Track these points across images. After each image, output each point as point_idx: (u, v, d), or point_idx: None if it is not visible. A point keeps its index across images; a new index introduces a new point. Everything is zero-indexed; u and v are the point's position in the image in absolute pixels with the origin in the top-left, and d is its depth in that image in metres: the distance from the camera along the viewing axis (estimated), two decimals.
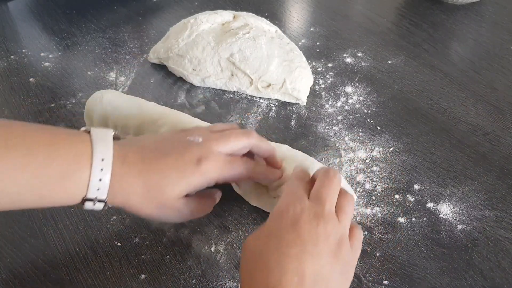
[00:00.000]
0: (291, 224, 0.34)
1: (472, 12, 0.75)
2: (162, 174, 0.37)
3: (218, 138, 0.40)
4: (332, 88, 0.61)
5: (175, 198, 0.38)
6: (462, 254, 0.43)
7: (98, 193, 0.35)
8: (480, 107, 0.58)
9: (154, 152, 0.38)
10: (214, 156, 0.39)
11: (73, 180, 0.35)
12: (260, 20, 0.63)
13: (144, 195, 0.37)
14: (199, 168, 0.38)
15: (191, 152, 0.38)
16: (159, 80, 0.63)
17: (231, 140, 0.41)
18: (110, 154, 0.36)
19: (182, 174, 0.38)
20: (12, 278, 0.41)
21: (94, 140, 0.36)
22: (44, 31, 0.72)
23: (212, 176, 0.39)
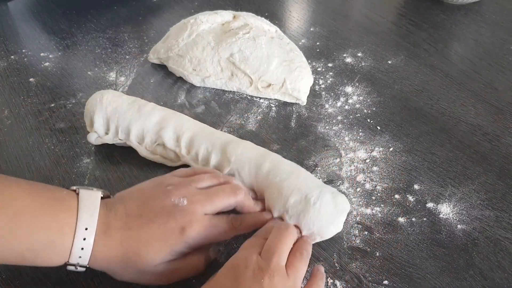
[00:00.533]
0: (234, 278, 0.34)
1: (472, 12, 0.75)
2: (144, 242, 0.37)
3: (203, 200, 0.40)
4: (332, 88, 0.61)
5: (155, 264, 0.38)
6: (462, 254, 0.43)
7: (80, 260, 0.36)
8: (480, 107, 0.58)
9: (137, 220, 0.38)
10: (198, 221, 0.39)
11: (56, 248, 0.36)
12: (260, 20, 0.63)
13: (124, 262, 0.37)
14: (183, 236, 0.38)
15: (175, 220, 0.38)
16: (159, 80, 0.63)
17: (218, 201, 0.41)
18: (95, 223, 0.36)
19: (165, 243, 0.37)
20: (12, 278, 0.41)
21: (80, 207, 0.37)
22: (44, 31, 0.72)
23: (196, 242, 0.39)
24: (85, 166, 0.51)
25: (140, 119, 0.49)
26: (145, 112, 0.50)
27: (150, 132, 0.49)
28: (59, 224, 0.36)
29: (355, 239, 0.44)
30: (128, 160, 0.51)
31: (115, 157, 0.52)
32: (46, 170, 0.51)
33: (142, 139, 0.50)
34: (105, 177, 0.50)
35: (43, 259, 0.36)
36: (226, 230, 0.40)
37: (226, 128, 0.56)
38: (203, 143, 0.47)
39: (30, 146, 0.54)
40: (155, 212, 0.38)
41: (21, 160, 0.52)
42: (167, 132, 0.48)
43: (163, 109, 0.51)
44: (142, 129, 0.49)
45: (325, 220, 0.42)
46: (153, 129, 0.49)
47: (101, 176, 0.50)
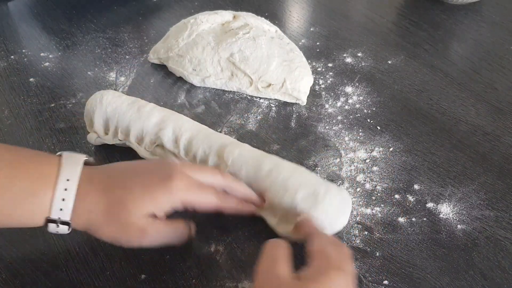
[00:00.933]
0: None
1: (472, 12, 0.75)
2: (127, 189, 0.36)
3: (192, 165, 0.40)
4: (332, 88, 0.61)
5: (137, 214, 0.36)
6: (462, 254, 0.43)
7: (61, 214, 0.35)
8: (480, 107, 0.58)
9: (121, 172, 0.38)
10: (185, 177, 0.38)
11: (36, 198, 0.35)
12: (260, 20, 0.63)
13: (106, 212, 0.36)
14: (166, 185, 0.37)
15: (160, 170, 0.38)
16: (159, 80, 0.63)
17: (206, 172, 0.41)
18: (77, 175, 0.36)
19: (148, 189, 0.36)
20: (12, 278, 0.41)
21: (63, 162, 0.36)
22: (44, 31, 0.72)
23: (179, 195, 0.37)
24: None
25: (139, 120, 0.49)
26: (144, 112, 0.50)
27: (150, 133, 0.49)
28: (39, 175, 0.35)
29: (355, 239, 0.44)
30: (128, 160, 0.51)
31: (115, 158, 0.52)
32: None
33: (142, 139, 0.50)
34: None
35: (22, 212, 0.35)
36: (212, 197, 0.40)
37: (226, 128, 0.56)
38: (201, 145, 0.47)
39: (30, 146, 0.53)
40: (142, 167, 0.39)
41: None
42: (166, 133, 0.48)
43: (162, 109, 0.51)
44: (142, 129, 0.49)
45: (336, 211, 0.42)
46: (153, 130, 0.49)
47: None
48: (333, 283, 0.31)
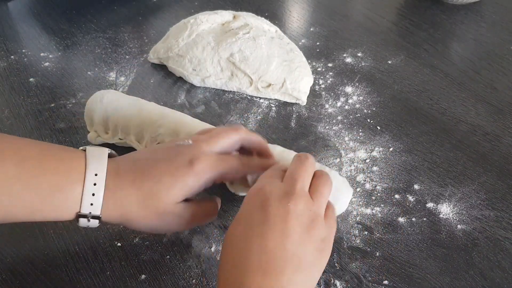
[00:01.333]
0: (260, 204, 0.34)
1: (472, 12, 0.75)
2: (155, 179, 0.37)
3: (207, 139, 0.40)
4: (332, 88, 0.61)
5: (172, 202, 0.37)
6: (462, 254, 0.43)
7: (92, 208, 0.35)
8: (480, 107, 0.58)
9: (145, 161, 0.38)
10: (206, 155, 0.38)
11: (65, 193, 0.34)
12: (260, 20, 0.63)
13: (140, 204, 0.36)
14: (192, 169, 0.37)
15: (182, 155, 0.38)
16: (159, 80, 0.63)
17: (221, 138, 0.41)
18: (104, 169, 0.36)
19: (175, 177, 0.37)
20: (12, 278, 0.41)
21: (88, 156, 0.36)
22: (44, 31, 0.72)
23: (207, 175, 0.38)
24: None
25: (139, 119, 0.49)
26: (145, 111, 0.50)
27: (150, 132, 0.49)
28: (67, 169, 0.35)
29: (355, 239, 0.44)
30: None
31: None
32: None
33: (142, 138, 0.50)
34: None
35: (52, 207, 0.35)
36: (235, 165, 0.40)
37: None
38: None
39: None
40: (161, 153, 0.39)
41: None
42: (166, 131, 0.48)
43: (163, 108, 0.51)
44: (142, 128, 0.49)
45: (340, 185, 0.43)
46: (152, 128, 0.49)
47: None
48: None
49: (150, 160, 0.38)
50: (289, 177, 0.37)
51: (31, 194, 0.34)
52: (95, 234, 0.45)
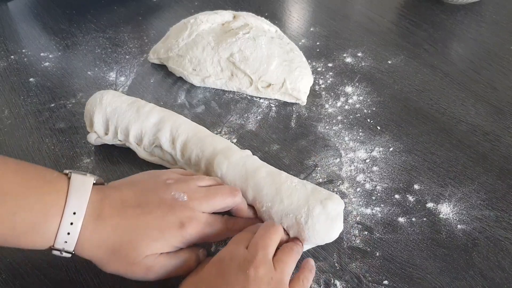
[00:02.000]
0: (221, 271, 0.34)
1: (472, 12, 0.75)
2: (140, 232, 0.36)
3: (202, 198, 0.39)
4: (332, 88, 0.61)
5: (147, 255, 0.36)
6: (462, 254, 0.43)
7: (66, 245, 0.35)
8: (480, 107, 0.58)
9: (134, 210, 0.37)
10: (197, 219, 0.38)
11: (40, 231, 0.34)
12: (260, 20, 0.63)
13: (114, 251, 0.36)
14: (182, 232, 0.37)
15: (175, 214, 0.37)
16: (159, 80, 0.63)
17: (217, 200, 0.40)
18: (84, 208, 0.35)
19: (162, 235, 0.37)
20: (12, 278, 0.41)
21: (70, 190, 0.35)
22: (44, 31, 0.72)
23: (192, 239, 0.38)
24: (85, 166, 0.51)
25: (138, 120, 0.49)
26: (144, 113, 0.49)
27: (148, 134, 0.49)
28: (45, 207, 0.34)
29: (355, 239, 0.44)
30: (128, 161, 0.51)
31: (115, 157, 0.52)
32: None
33: (141, 140, 0.50)
34: (105, 177, 0.50)
35: (26, 241, 0.35)
36: (221, 230, 0.40)
37: (226, 128, 0.56)
38: (194, 149, 0.47)
39: (30, 146, 0.54)
40: (154, 204, 0.38)
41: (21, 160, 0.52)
42: (164, 134, 0.48)
43: (162, 110, 0.51)
44: (141, 130, 0.49)
45: (323, 231, 0.41)
46: (151, 131, 0.49)
47: (101, 176, 0.50)
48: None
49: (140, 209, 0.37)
50: (253, 245, 0.36)
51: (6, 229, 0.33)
52: None
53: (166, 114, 0.50)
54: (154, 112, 0.50)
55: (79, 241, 0.35)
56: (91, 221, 0.35)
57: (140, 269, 0.37)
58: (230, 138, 0.54)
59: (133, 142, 0.50)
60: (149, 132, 0.49)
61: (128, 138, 0.50)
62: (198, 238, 0.39)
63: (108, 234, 0.36)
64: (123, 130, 0.50)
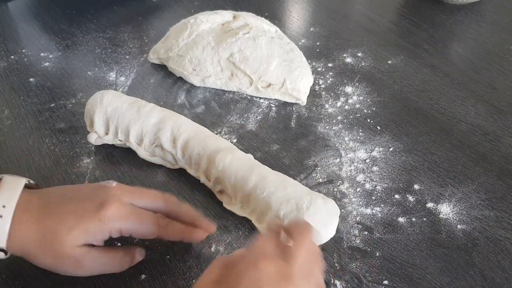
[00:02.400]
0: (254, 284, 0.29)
1: (472, 12, 0.75)
2: (59, 218, 0.35)
3: (133, 191, 0.38)
4: (332, 88, 0.61)
5: (72, 246, 0.35)
6: (462, 254, 0.43)
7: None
8: (480, 107, 0.58)
9: (57, 198, 0.37)
10: (120, 203, 0.36)
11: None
12: (260, 20, 0.63)
13: (39, 242, 0.35)
14: (99, 213, 0.35)
15: (95, 197, 0.36)
16: (159, 80, 0.63)
17: (146, 196, 0.39)
18: (14, 202, 0.35)
19: (80, 219, 0.35)
20: (12, 278, 0.41)
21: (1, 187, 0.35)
22: (44, 31, 0.72)
23: (113, 224, 0.36)
24: (85, 166, 0.51)
25: (139, 120, 0.49)
26: (144, 113, 0.50)
27: (149, 133, 0.49)
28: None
29: (355, 239, 0.44)
30: (128, 161, 0.51)
31: (115, 157, 0.52)
32: (46, 170, 0.51)
33: (141, 140, 0.50)
34: (105, 177, 0.50)
35: None
36: (150, 225, 0.38)
37: (226, 128, 0.56)
38: (196, 147, 0.47)
39: (30, 146, 0.54)
40: (79, 191, 0.37)
41: (21, 160, 0.52)
42: (165, 134, 0.48)
43: (162, 110, 0.51)
44: (141, 130, 0.49)
45: (321, 224, 0.41)
46: (152, 130, 0.49)
47: (101, 176, 0.50)
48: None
49: (64, 198, 0.37)
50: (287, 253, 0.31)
51: None
52: None
53: (167, 114, 0.50)
54: (154, 112, 0.50)
55: (10, 236, 0.35)
56: (18, 215, 0.35)
57: (70, 262, 0.36)
58: (230, 138, 0.54)
59: (133, 142, 0.50)
60: (149, 132, 0.49)
61: (129, 138, 0.50)
62: (119, 224, 0.36)
63: (31, 226, 0.35)
64: (124, 130, 0.50)
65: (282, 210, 0.42)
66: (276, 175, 0.45)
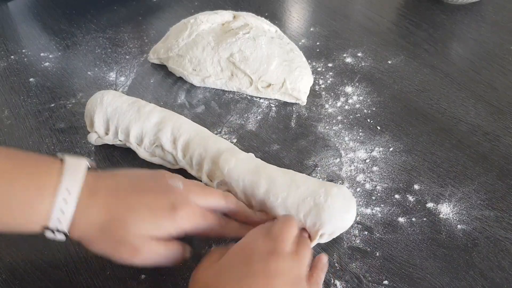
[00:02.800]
0: (244, 259, 0.34)
1: (472, 12, 0.75)
2: (132, 209, 0.36)
3: (198, 191, 0.40)
4: (332, 88, 0.61)
5: (136, 235, 0.36)
6: (462, 254, 0.43)
7: (59, 224, 0.35)
8: (480, 107, 0.58)
9: (126, 186, 0.38)
10: (191, 206, 0.38)
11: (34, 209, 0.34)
12: (260, 20, 0.63)
13: (103, 227, 0.36)
14: (173, 214, 0.37)
15: (168, 197, 0.38)
16: (159, 80, 0.63)
17: (211, 197, 0.40)
18: (78, 186, 0.35)
19: (154, 215, 0.37)
20: (12, 278, 0.41)
21: (64, 171, 0.36)
22: (44, 31, 0.72)
23: (184, 225, 0.38)
24: None
25: (139, 120, 0.49)
26: (144, 113, 0.50)
27: (149, 134, 0.49)
28: (39, 186, 0.35)
29: (355, 239, 0.44)
30: (128, 161, 0.51)
31: (115, 158, 0.52)
32: None
33: (141, 140, 0.50)
34: None
35: (20, 221, 0.35)
36: (214, 225, 0.40)
37: (226, 128, 0.56)
38: (197, 148, 0.47)
39: (30, 146, 0.54)
40: (149, 187, 0.38)
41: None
42: (165, 134, 0.48)
43: (162, 110, 0.51)
44: (141, 130, 0.49)
45: (343, 209, 0.42)
46: (152, 131, 0.49)
47: None
48: None
49: (135, 188, 0.38)
50: (273, 238, 0.36)
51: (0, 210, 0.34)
52: None
53: (167, 114, 0.50)
54: (155, 112, 0.50)
55: (73, 219, 0.35)
56: (84, 200, 0.35)
57: (127, 249, 0.36)
58: (230, 138, 0.54)
59: (133, 142, 0.50)
60: (150, 132, 0.49)
61: (129, 138, 0.50)
62: (190, 226, 0.38)
63: (99, 212, 0.36)
64: (124, 130, 0.50)
65: (301, 212, 0.42)
66: (284, 175, 0.44)
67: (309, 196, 0.42)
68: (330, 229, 0.42)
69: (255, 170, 0.44)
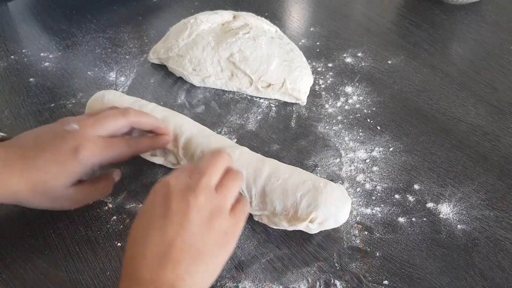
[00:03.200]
0: (162, 197, 0.35)
1: (472, 12, 0.75)
2: (43, 169, 0.39)
3: (93, 123, 0.42)
4: (332, 88, 0.61)
5: (62, 188, 0.40)
6: (462, 254, 0.43)
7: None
8: (480, 107, 0.58)
9: (33, 149, 0.40)
10: (91, 142, 0.40)
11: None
12: (260, 20, 0.63)
13: (31, 191, 0.39)
14: (76, 157, 0.39)
15: (67, 143, 0.40)
16: (159, 80, 0.63)
17: (108, 122, 0.42)
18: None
19: (61, 166, 0.39)
20: (12, 278, 0.41)
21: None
22: (44, 31, 0.72)
23: (91, 161, 0.41)
24: None
25: None
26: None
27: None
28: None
29: (355, 239, 0.44)
30: (128, 160, 0.51)
31: None
32: None
33: None
34: None
35: None
36: (122, 149, 0.43)
37: (226, 128, 0.56)
38: (199, 146, 0.47)
39: None
40: (48, 140, 0.40)
41: None
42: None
43: (163, 109, 0.51)
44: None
45: (339, 201, 0.42)
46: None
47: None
48: None
49: (37, 148, 0.40)
50: (196, 172, 0.37)
51: None
52: (95, 234, 0.45)
53: (168, 114, 0.50)
54: (156, 111, 0.50)
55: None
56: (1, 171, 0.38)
57: (65, 200, 0.42)
58: (230, 138, 0.54)
59: None
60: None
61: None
62: (96, 159, 0.41)
63: (19, 180, 0.38)
64: None
65: (299, 192, 0.42)
66: (288, 166, 0.45)
67: (309, 180, 0.43)
68: (323, 215, 0.42)
69: (260, 159, 0.45)
